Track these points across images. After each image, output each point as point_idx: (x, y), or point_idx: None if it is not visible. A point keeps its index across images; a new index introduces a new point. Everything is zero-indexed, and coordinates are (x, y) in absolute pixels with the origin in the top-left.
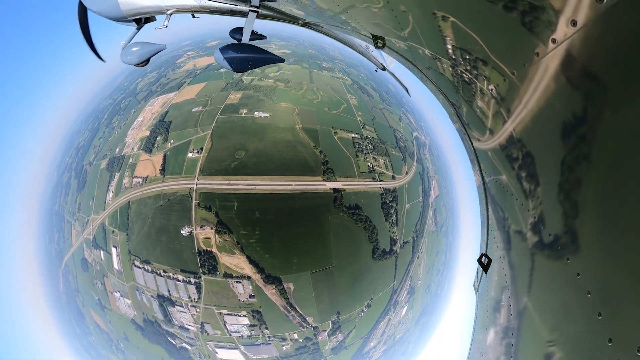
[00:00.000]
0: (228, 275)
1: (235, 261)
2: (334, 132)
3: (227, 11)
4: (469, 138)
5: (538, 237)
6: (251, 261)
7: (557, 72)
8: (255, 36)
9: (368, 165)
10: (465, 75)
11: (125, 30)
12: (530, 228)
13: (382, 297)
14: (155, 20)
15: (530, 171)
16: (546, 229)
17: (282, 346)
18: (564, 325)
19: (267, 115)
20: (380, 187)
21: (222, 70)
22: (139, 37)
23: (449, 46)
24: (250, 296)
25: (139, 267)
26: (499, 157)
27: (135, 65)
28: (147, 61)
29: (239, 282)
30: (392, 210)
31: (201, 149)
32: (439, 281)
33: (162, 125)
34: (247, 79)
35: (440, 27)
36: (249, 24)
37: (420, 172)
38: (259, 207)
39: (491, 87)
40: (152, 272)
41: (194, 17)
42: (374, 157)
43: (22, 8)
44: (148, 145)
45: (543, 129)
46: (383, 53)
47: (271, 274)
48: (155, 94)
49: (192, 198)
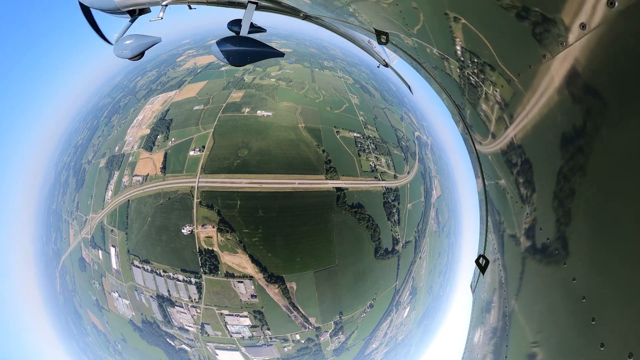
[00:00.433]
0: (230, 275)
1: (237, 260)
2: (337, 132)
3: (225, 2)
4: (472, 140)
5: (531, 242)
6: (254, 260)
7: (562, 84)
8: (255, 29)
9: (370, 165)
10: (472, 78)
11: (119, 23)
12: (524, 233)
13: (385, 297)
14: (149, 11)
15: (528, 177)
16: (539, 234)
17: (284, 347)
18: (552, 327)
19: (269, 114)
20: (382, 187)
21: (223, 68)
22: (133, 29)
23: (458, 47)
24: (252, 296)
25: (138, 267)
26: (499, 162)
27: (130, 59)
28: (142, 55)
29: (241, 282)
30: (394, 210)
31: (203, 147)
32: (441, 283)
33: (163, 124)
34: (248, 78)
35: (451, 28)
36: (248, 16)
37: (422, 172)
38: (263, 205)
39: (496, 92)
40: (152, 271)
41: (190, 8)
42: (376, 157)
43: (20, 5)
44: (148, 144)
45: (543, 138)
46: (386, 49)
47: (274, 273)
48: (156, 93)
49: (193, 196)
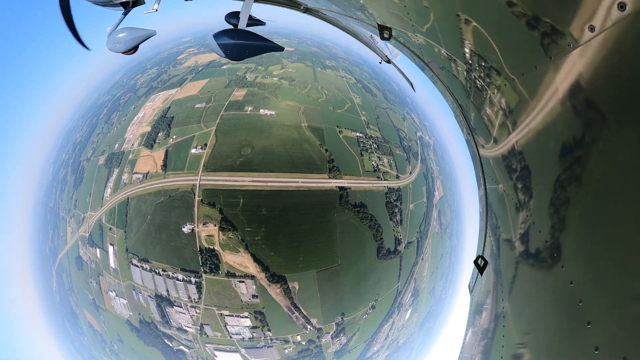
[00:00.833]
0: (231, 275)
1: (239, 259)
2: (339, 131)
3: None
4: (475, 144)
5: (525, 246)
6: (256, 259)
7: (566, 93)
8: (253, 21)
9: (372, 164)
10: (478, 82)
11: (112, 16)
12: (519, 237)
13: (387, 299)
14: (144, 3)
15: (526, 184)
16: (534, 239)
17: (284, 349)
18: (545, 330)
19: (272, 113)
20: (385, 186)
21: (225, 67)
22: (126, 23)
23: (467, 50)
24: (253, 296)
25: (137, 266)
26: (499, 166)
27: (123, 53)
28: (136, 48)
29: (242, 282)
30: (397, 210)
31: (205, 145)
32: (443, 285)
33: (164, 121)
34: (250, 76)
35: (461, 30)
36: (246, 8)
37: (424, 173)
38: (266, 203)
39: (501, 97)
40: (151, 270)
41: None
42: (378, 157)
43: (18, 1)
44: (149, 141)
45: (543, 146)
46: (389, 45)
47: (276, 273)
48: (156, 90)
49: (195, 194)
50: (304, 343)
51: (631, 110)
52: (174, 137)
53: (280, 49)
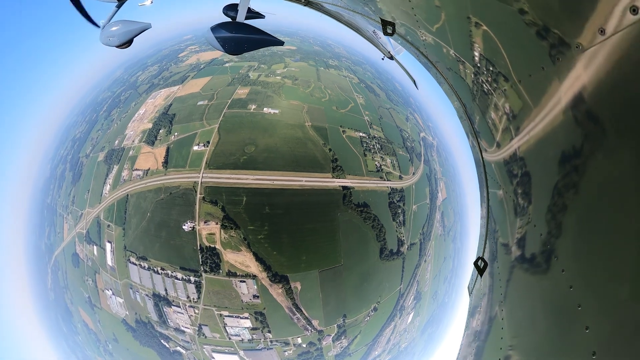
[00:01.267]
0: (232, 274)
1: (240, 258)
2: (342, 131)
3: None
4: (479, 147)
5: (521, 251)
6: (258, 258)
7: (569, 104)
8: (252, 14)
9: (376, 165)
10: (485, 86)
11: (105, 9)
12: (515, 242)
13: (389, 301)
14: None
15: (526, 190)
16: (531, 244)
17: (284, 351)
18: (539, 334)
19: (276, 111)
20: (388, 187)
21: (227, 64)
22: (120, 16)
23: (476, 53)
24: (254, 296)
25: (135, 264)
26: (501, 171)
27: (117, 46)
28: (130, 42)
29: (243, 282)
30: (400, 210)
31: (208, 142)
32: (446, 289)
33: (166, 118)
34: (253, 75)
35: (471, 32)
36: (245, 1)
37: (427, 174)
38: (270, 201)
39: (506, 102)
40: (149, 269)
41: None
42: (382, 157)
43: None
44: (150, 138)
45: (544, 153)
46: (391, 41)
47: (278, 273)
48: (158, 87)
49: (196, 192)
50: (304, 345)
51: (632, 119)
52: (176, 134)
53: (280, 43)
